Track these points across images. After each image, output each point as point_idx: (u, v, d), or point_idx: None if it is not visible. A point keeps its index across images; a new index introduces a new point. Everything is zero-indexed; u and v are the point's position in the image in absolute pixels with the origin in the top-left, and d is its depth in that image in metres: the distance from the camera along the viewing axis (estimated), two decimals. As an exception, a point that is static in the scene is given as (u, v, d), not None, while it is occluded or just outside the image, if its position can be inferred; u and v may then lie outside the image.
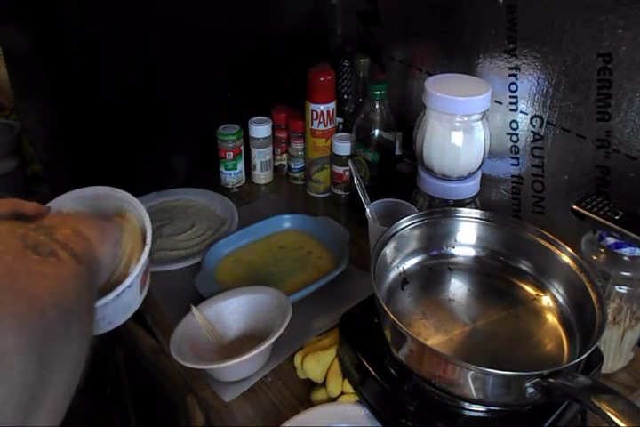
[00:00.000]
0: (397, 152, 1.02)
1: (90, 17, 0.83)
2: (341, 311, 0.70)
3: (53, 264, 0.39)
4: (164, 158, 1.04)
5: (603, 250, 0.67)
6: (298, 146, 1.08)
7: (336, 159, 1.02)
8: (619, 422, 0.45)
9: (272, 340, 0.68)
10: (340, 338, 0.69)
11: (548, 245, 0.66)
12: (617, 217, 0.64)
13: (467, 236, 0.72)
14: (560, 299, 0.66)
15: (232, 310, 0.77)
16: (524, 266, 0.70)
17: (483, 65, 0.88)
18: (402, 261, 0.71)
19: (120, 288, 0.51)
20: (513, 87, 0.84)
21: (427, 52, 0.99)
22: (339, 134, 1.02)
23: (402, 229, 0.69)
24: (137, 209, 0.60)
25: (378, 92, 0.91)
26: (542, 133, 0.83)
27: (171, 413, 0.75)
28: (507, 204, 0.92)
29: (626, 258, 0.66)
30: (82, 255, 0.44)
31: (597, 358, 0.62)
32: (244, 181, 1.12)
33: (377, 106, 0.92)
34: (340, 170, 1.03)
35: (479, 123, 0.81)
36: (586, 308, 0.60)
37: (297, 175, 1.11)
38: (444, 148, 0.81)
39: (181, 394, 0.73)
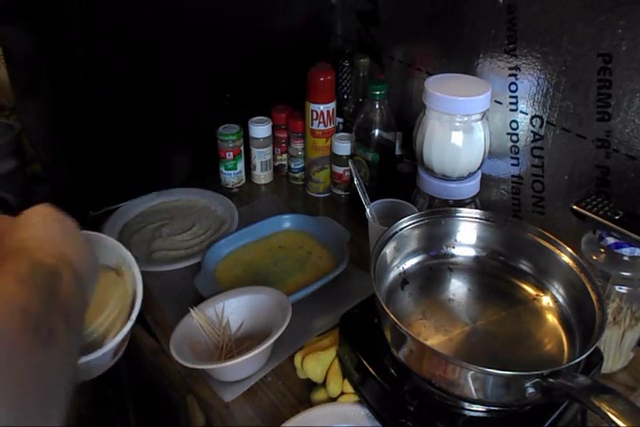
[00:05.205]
0: (397, 152, 1.02)
1: (90, 17, 0.83)
2: (341, 311, 0.70)
3: (46, 350, 0.35)
4: (164, 158, 1.04)
5: (603, 250, 0.67)
6: (298, 146, 1.08)
7: (336, 159, 1.02)
8: (619, 422, 0.45)
9: (272, 340, 0.68)
10: (340, 338, 0.69)
11: (548, 245, 0.66)
12: (617, 217, 0.64)
13: (467, 236, 0.72)
14: (560, 299, 0.66)
15: (232, 310, 0.77)
16: (524, 266, 0.70)
17: (483, 65, 0.88)
18: (402, 261, 0.71)
19: (90, 356, 0.51)
20: (513, 87, 0.84)
21: (427, 52, 0.99)
22: (339, 134, 1.02)
23: (402, 229, 0.69)
24: (133, 271, 0.58)
25: (378, 92, 0.91)
26: (542, 133, 0.83)
27: (171, 413, 0.75)
28: (507, 204, 0.92)
29: (626, 258, 0.65)
30: (74, 320, 0.40)
31: (597, 358, 0.62)
32: (243, 181, 1.11)
33: (377, 106, 0.92)
34: (340, 170, 1.03)
35: (479, 123, 0.81)
36: (586, 308, 0.60)
37: (297, 175, 1.11)
38: (443, 148, 0.81)
39: (181, 394, 0.73)
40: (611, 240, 0.65)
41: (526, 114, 0.84)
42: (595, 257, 0.67)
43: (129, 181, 1.00)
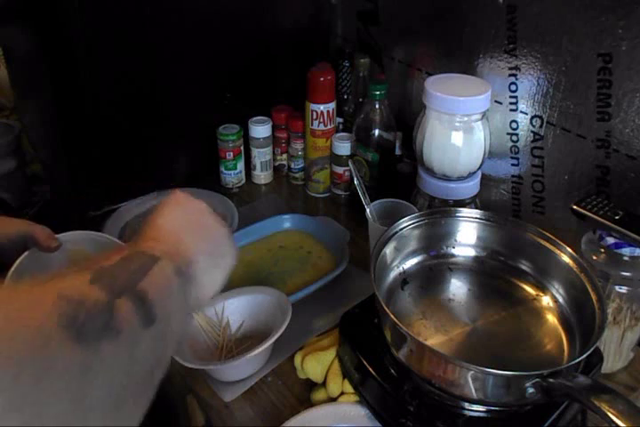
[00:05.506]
0: (397, 152, 1.02)
1: (90, 17, 0.83)
2: (341, 311, 0.70)
3: (95, 351, 0.32)
4: (165, 158, 1.04)
5: (603, 250, 0.67)
6: (298, 146, 1.08)
7: (336, 159, 1.02)
8: (619, 422, 0.45)
9: (272, 340, 0.68)
10: (340, 338, 0.69)
11: (548, 245, 0.66)
12: (617, 217, 0.64)
13: (467, 236, 0.72)
14: (560, 299, 0.66)
15: (232, 310, 0.76)
16: (524, 266, 0.70)
17: (483, 65, 0.88)
18: (402, 261, 0.71)
19: None
20: (513, 87, 0.84)
21: (427, 52, 0.99)
22: (339, 134, 1.02)
23: (402, 229, 0.69)
24: None
25: (378, 92, 0.91)
26: (542, 133, 0.83)
27: (171, 413, 0.75)
28: (507, 204, 0.92)
29: (626, 258, 0.65)
30: (162, 312, 0.37)
31: (597, 358, 0.62)
32: (243, 181, 1.11)
33: (377, 106, 0.92)
34: (340, 170, 1.03)
35: (479, 123, 0.81)
36: (586, 308, 0.60)
37: (297, 175, 1.11)
38: (444, 148, 0.81)
39: (181, 394, 0.72)
40: (611, 240, 0.65)
41: (526, 114, 0.84)
42: (595, 257, 0.67)
43: (129, 181, 1.00)
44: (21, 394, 0.28)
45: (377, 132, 0.94)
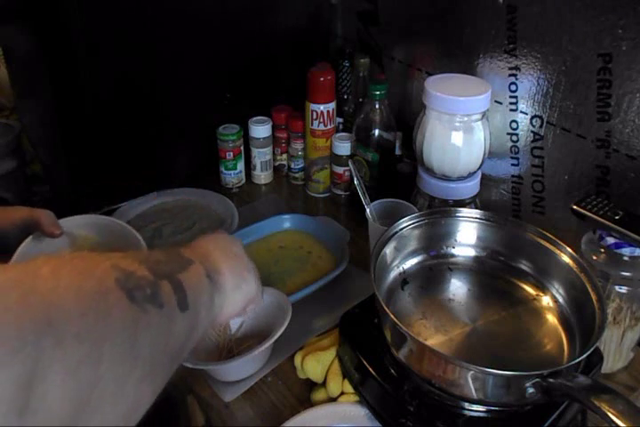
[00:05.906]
0: (397, 152, 1.02)
1: (90, 17, 0.83)
2: (341, 311, 0.70)
3: (144, 312, 0.36)
4: (165, 158, 1.04)
5: (603, 250, 0.67)
6: (298, 146, 1.08)
7: (336, 159, 1.02)
8: (619, 422, 0.45)
9: (272, 340, 0.68)
10: (340, 338, 0.69)
11: (548, 245, 0.66)
12: (617, 217, 0.64)
13: (467, 236, 0.72)
14: (560, 299, 0.66)
15: (232, 310, 0.76)
16: (524, 266, 0.70)
17: (483, 65, 0.88)
18: (402, 261, 0.71)
19: None
20: (513, 87, 0.84)
21: (427, 52, 0.99)
22: (339, 134, 1.02)
23: (402, 229, 0.69)
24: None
25: (378, 92, 0.91)
26: (542, 133, 0.83)
27: (171, 413, 0.75)
28: (507, 204, 0.92)
29: (626, 258, 0.65)
30: (193, 303, 0.42)
31: (597, 358, 0.62)
32: (243, 181, 1.12)
33: (377, 106, 0.92)
34: (340, 170, 1.03)
35: (479, 123, 0.81)
36: (586, 308, 0.60)
37: (297, 175, 1.11)
38: (444, 148, 0.81)
39: (181, 394, 0.72)
40: (611, 240, 0.65)
41: (526, 114, 0.84)
42: (595, 257, 0.67)
43: (129, 181, 1.00)
44: (87, 328, 0.32)
45: (377, 132, 0.94)
